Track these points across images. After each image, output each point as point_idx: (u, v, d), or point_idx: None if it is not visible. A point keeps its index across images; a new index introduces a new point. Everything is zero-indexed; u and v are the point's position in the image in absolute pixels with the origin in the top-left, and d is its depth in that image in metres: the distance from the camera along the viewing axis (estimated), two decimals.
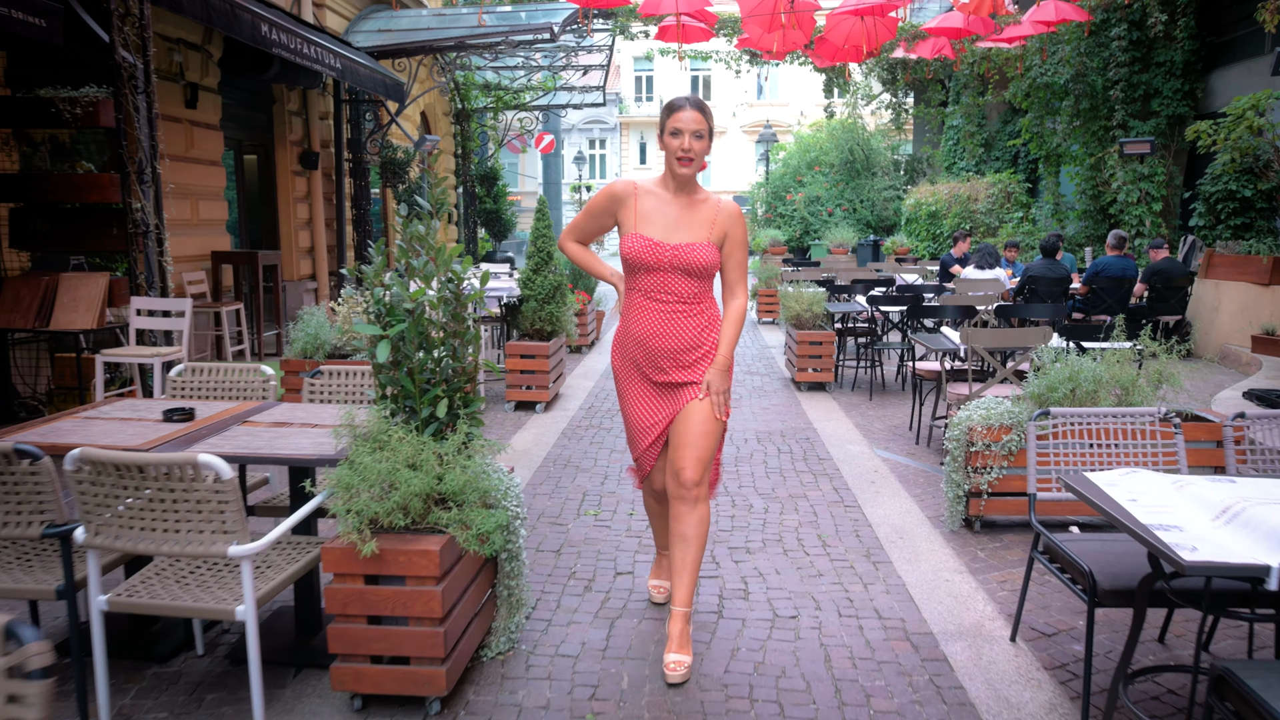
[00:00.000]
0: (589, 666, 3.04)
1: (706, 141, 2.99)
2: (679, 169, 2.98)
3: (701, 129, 2.97)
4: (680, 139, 2.95)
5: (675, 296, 3.02)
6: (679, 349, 3.03)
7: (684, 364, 3.04)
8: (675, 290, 3.02)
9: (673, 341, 3.02)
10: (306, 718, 2.71)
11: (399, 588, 2.59)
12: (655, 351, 3.04)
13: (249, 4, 7.59)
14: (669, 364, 3.05)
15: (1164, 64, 12.74)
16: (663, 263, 2.99)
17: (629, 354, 3.14)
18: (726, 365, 3.07)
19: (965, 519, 4.40)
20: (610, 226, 3.18)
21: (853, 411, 7.22)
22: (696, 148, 2.96)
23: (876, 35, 11.70)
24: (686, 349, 3.03)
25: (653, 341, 3.03)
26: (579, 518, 4.60)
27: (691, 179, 3.05)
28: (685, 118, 2.96)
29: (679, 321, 3.03)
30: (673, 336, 3.03)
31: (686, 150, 2.95)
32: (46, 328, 5.62)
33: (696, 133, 2.96)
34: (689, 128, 2.95)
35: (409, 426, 2.75)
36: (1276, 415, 2.99)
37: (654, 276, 3.02)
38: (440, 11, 13.92)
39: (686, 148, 2.95)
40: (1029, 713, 2.76)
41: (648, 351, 3.06)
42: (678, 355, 3.03)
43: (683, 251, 2.98)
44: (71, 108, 5.72)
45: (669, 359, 3.04)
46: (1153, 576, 2.44)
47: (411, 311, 2.78)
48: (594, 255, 3.29)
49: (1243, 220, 10.47)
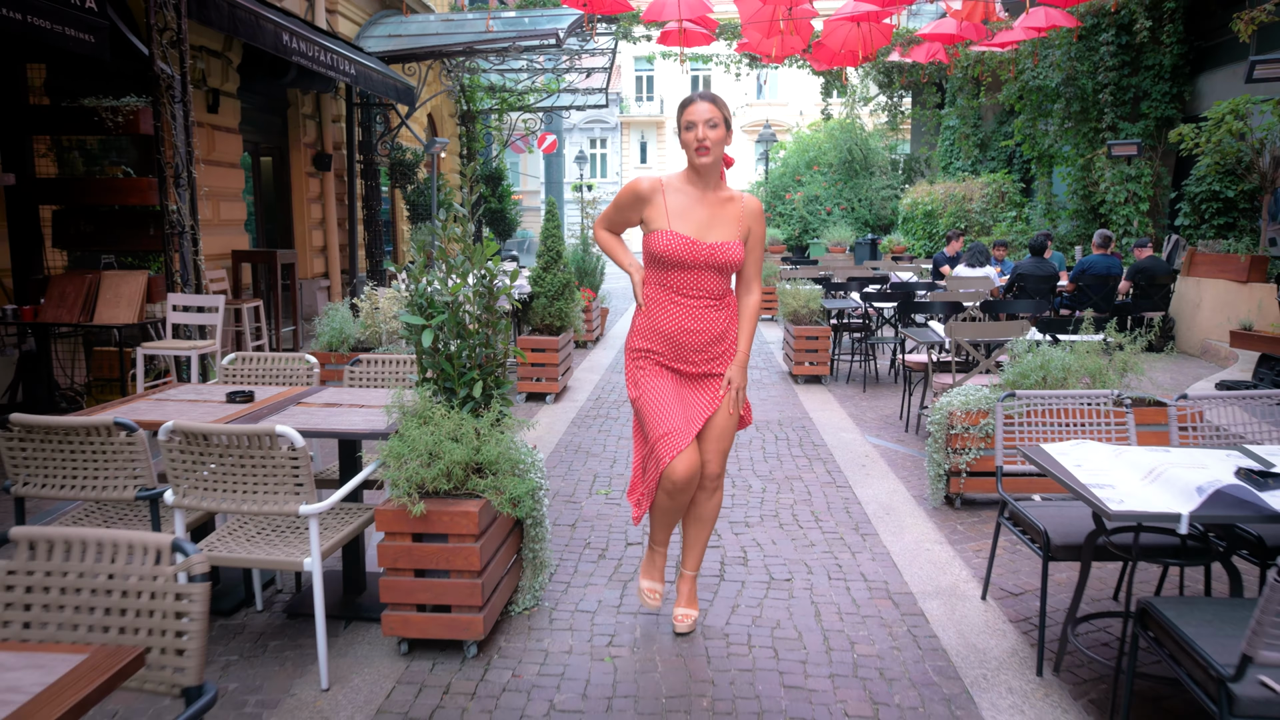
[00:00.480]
0: (605, 620, 3.43)
1: (723, 130, 3.02)
2: (698, 159, 3.02)
3: (715, 118, 3.01)
4: (695, 130, 3.00)
5: (706, 293, 3.08)
6: (706, 343, 3.10)
7: (712, 356, 3.13)
8: (707, 287, 3.08)
9: (701, 337, 3.09)
10: (359, 660, 3.09)
11: (442, 545, 2.97)
12: (685, 346, 3.10)
13: (271, 15, 7.98)
14: (699, 357, 3.13)
15: (1152, 67, 13.10)
16: (699, 261, 3.03)
17: (651, 346, 3.15)
18: (745, 361, 3.17)
19: (946, 496, 4.78)
20: (636, 222, 3.20)
21: (846, 402, 7.60)
22: (713, 136, 3.00)
23: (872, 40, 12.07)
24: (713, 342, 3.11)
25: (683, 338, 3.09)
26: (591, 496, 4.98)
27: (714, 170, 3.09)
28: (697, 110, 3.01)
29: (708, 316, 3.09)
30: (701, 332, 3.09)
31: (702, 139, 2.99)
32: (90, 322, 6.00)
33: (710, 122, 3.00)
34: (702, 118, 2.99)
35: (449, 405, 3.14)
36: (1216, 396, 3.38)
37: (687, 274, 3.06)
38: (448, 17, 14.29)
39: (701, 137, 2.99)
40: (993, 657, 3.14)
41: (677, 347, 3.11)
42: (706, 349, 3.12)
43: (718, 251, 3.04)
44: (114, 116, 6.11)
45: (699, 353, 3.12)
46: (1096, 533, 2.82)
47: (450, 304, 3.17)
48: (619, 243, 3.30)
49: (1226, 220, 10.86)
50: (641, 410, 3.14)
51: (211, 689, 1.67)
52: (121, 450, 2.83)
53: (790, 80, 35.15)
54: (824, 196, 23.39)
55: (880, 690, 2.92)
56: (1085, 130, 13.86)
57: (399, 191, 14.77)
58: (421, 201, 14.96)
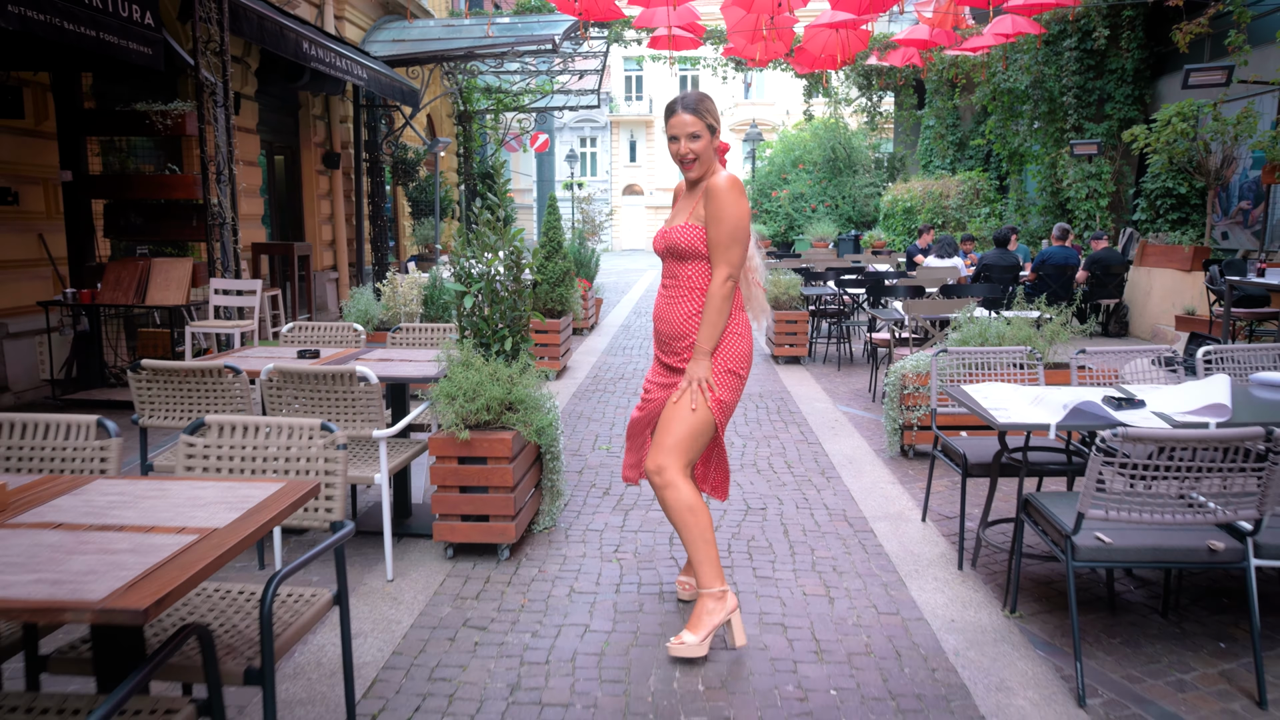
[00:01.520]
0: (612, 536, 4.18)
1: (707, 138, 2.99)
2: (685, 173, 3.07)
3: (696, 129, 2.97)
4: (677, 144, 3.00)
5: (671, 279, 3.11)
6: (671, 335, 3.11)
7: (676, 351, 3.11)
8: (671, 273, 3.11)
9: (665, 326, 3.12)
10: (414, 562, 3.83)
11: (482, 466, 3.71)
12: (661, 335, 3.16)
13: (292, 24, 8.71)
14: (667, 349, 3.16)
15: (1115, 71, 13.91)
16: (660, 248, 3.12)
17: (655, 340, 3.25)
18: (703, 353, 3.01)
19: (901, 449, 5.55)
20: None
21: (822, 379, 8.36)
22: (695, 148, 2.98)
23: (850, 45, 12.84)
24: (676, 336, 3.09)
25: (658, 326, 3.17)
26: (594, 451, 5.73)
27: (703, 172, 3.04)
28: (676, 122, 2.99)
29: (672, 306, 3.10)
30: (666, 321, 3.12)
31: (684, 153, 2.99)
32: (143, 303, 6.70)
33: (692, 134, 2.97)
34: (683, 131, 2.98)
35: (485, 357, 3.87)
36: (1105, 352, 4.15)
37: (663, 264, 3.16)
38: (449, 22, 15.00)
39: (683, 152, 2.99)
40: (925, 558, 3.90)
41: (658, 335, 3.19)
42: (671, 342, 3.11)
43: (668, 234, 3.07)
44: (163, 119, 6.82)
45: (666, 344, 3.15)
46: (1000, 452, 3.59)
47: (485, 275, 3.90)
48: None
49: (1179, 215, 11.69)
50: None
51: (350, 524, 2.40)
52: (230, 388, 3.55)
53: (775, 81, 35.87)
54: (809, 194, 24.17)
55: (833, 579, 3.68)
56: (1052, 130, 14.67)
57: (401, 189, 15.48)
58: (423, 198, 15.67)
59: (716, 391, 3.04)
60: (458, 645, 3.09)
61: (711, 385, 3.03)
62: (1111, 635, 3.17)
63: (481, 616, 3.32)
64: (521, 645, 3.09)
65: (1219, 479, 2.61)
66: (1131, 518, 2.67)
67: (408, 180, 15.20)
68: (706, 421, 3.04)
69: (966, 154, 19.65)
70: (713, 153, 3.05)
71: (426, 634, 3.18)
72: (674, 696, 2.76)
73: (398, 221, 15.79)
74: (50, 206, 7.21)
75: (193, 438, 2.45)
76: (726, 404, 3.08)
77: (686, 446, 3.04)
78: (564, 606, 3.41)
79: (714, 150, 3.05)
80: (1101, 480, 2.65)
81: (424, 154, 15.19)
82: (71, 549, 1.71)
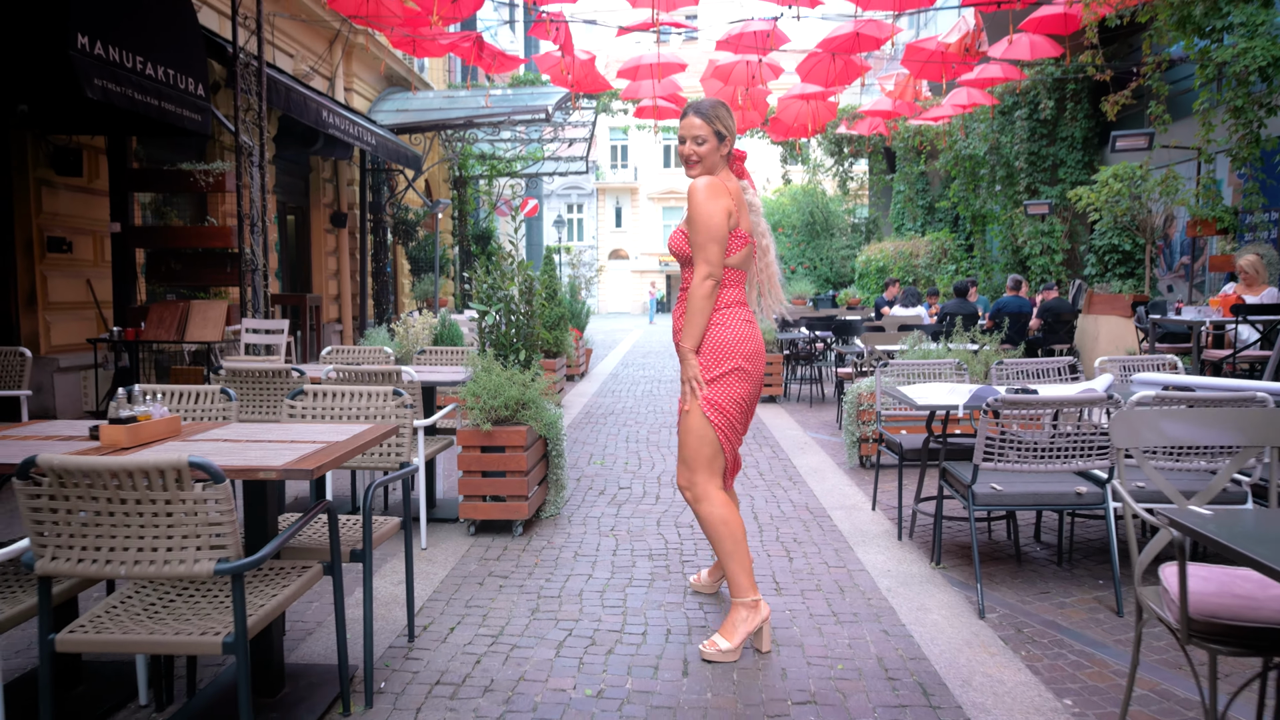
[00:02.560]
0: (608, 521, 4.91)
1: (713, 142, 3.08)
2: (686, 173, 3.16)
3: (703, 133, 3.08)
4: (683, 145, 3.12)
5: (684, 286, 3.18)
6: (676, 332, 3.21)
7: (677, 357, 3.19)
8: (685, 280, 3.18)
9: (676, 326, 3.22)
10: (442, 538, 4.54)
11: (501, 454, 4.46)
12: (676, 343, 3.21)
13: (314, 96, 9.67)
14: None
15: (1066, 139, 15.09)
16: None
17: None
18: (685, 353, 3.09)
19: (860, 460, 6.32)
20: None
21: (795, 414, 9.16)
22: (700, 151, 3.08)
23: (820, 115, 13.98)
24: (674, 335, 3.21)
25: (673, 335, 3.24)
26: (590, 464, 6.47)
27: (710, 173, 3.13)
28: (686, 124, 3.11)
29: (677, 309, 3.21)
30: (676, 321, 3.23)
31: (687, 154, 3.11)
32: (184, 340, 7.46)
33: (698, 138, 3.08)
34: (690, 134, 3.10)
35: (504, 365, 4.66)
36: (1018, 363, 4.97)
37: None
38: (448, 94, 16.10)
39: (686, 153, 3.11)
40: (871, 534, 4.65)
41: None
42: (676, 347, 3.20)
43: (669, 243, 3.23)
44: (205, 177, 7.66)
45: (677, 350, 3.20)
46: (927, 439, 4.37)
47: (504, 298, 4.71)
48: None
49: (1125, 269, 12.72)
50: None
51: (415, 465, 3.14)
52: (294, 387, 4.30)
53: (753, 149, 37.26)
54: (789, 256, 25.28)
55: (793, 547, 4.42)
56: (1010, 193, 15.79)
57: (401, 247, 16.37)
58: (422, 256, 16.57)
59: (704, 390, 3.06)
60: (485, 588, 3.81)
61: (700, 384, 3.06)
62: (1015, 578, 3.93)
63: (502, 570, 4.04)
64: (537, 587, 3.81)
65: (1078, 436, 3.41)
66: (1011, 467, 3.45)
67: (407, 239, 16.12)
68: (700, 423, 3.06)
69: (936, 217, 20.80)
70: (719, 159, 3.12)
71: (459, 580, 3.89)
72: (658, 609, 3.48)
73: (397, 278, 16.64)
74: (98, 255, 8.00)
75: (293, 401, 3.22)
76: (716, 402, 3.07)
77: (694, 454, 3.09)
78: (570, 564, 4.13)
79: (722, 157, 3.13)
80: (990, 439, 3.44)
81: (424, 215, 16.14)
82: (243, 449, 2.46)
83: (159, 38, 6.40)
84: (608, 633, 3.32)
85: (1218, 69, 8.59)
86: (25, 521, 2.01)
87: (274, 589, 2.35)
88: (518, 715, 2.67)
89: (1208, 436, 2.41)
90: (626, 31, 10.57)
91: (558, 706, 2.72)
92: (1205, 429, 2.42)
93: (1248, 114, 8.50)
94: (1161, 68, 9.73)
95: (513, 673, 2.96)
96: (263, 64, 7.67)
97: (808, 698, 2.79)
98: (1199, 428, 2.44)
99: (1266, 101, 8.43)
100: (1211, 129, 8.86)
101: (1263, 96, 8.44)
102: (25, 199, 7.29)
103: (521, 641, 3.22)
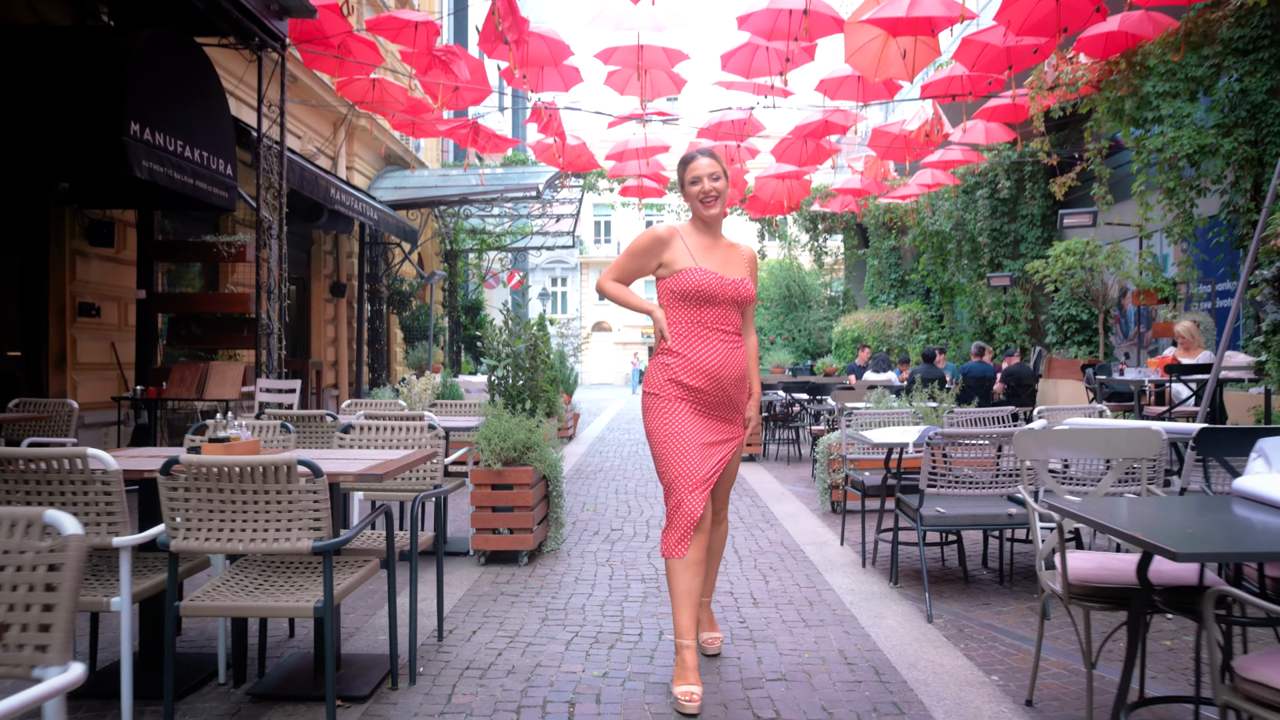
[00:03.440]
0: (603, 554, 5.44)
1: (725, 182, 3.26)
2: (705, 211, 3.27)
3: (716, 171, 3.25)
4: (700, 184, 3.24)
5: (734, 328, 3.27)
6: (737, 378, 3.25)
7: (741, 390, 3.29)
8: (733, 322, 3.27)
9: (735, 371, 3.24)
10: (455, 567, 5.06)
11: (509, 491, 5.02)
12: (724, 381, 3.21)
13: (323, 174, 10.42)
14: (734, 392, 3.26)
15: (1026, 216, 16.08)
16: (726, 296, 3.21)
17: (694, 383, 3.19)
18: (760, 396, 3.37)
19: (831, 505, 6.89)
20: (653, 268, 3.31)
21: (773, 471, 9.74)
22: (718, 187, 3.24)
23: (795, 193, 14.89)
24: (741, 378, 3.27)
25: (724, 372, 3.20)
26: (583, 511, 7.01)
27: (719, 220, 3.33)
28: (699, 165, 3.26)
29: (737, 353, 3.27)
30: (735, 367, 3.24)
31: (708, 191, 3.24)
32: (203, 398, 7.99)
33: (713, 175, 3.24)
34: (705, 172, 3.25)
35: (512, 413, 5.24)
36: (967, 411, 5.62)
37: (717, 310, 3.21)
38: (443, 172, 16.98)
39: (708, 189, 3.23)
40: (839, 563, 5.21)
41: (718, 382, 3.20)
42: (739, 384, 3.26)
43: (740, 286, 3.25)
44: (227, 248, 8.31)
45: (734, 387, 3.25)
46: (886, 476, 4.98)
47: (512, 354, 5.33)
48: (630, 290, 3.44)
49: (1083, 337, 13.53)
50: (664, 449, 3.18)
51: (447, 486, 3.70)
52: (330, 430, 4.86)
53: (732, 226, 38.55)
54: (768, 328, 26.14)
55: (769, 573, 4.97)
56: (976, 266, 16.72)
57: (394, 316, 17.02)
58: (415, 325, 17.20)
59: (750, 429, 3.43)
60: (499, 603, 4.34)
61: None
62: (962, 594, 4.50)
63: (513, 590, 4.57)
64: (545, 602, 4.34)
65: (1002, 465, 4.04)
66: (949, 492, 4.06)
67: (401, 309, 16.78)
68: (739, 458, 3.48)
69: (909, 289, 21.76)
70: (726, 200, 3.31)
71: (475, 598, 4.42)
72: (652, 617, 4.02)
73: (389, 346, 17.24)
74: (122, 319, 8.57)
75: (343, 434, 3.79)
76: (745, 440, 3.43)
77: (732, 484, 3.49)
78: (572, 586, 4.67)
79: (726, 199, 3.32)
80: (933, 469, 4.06)
81: (417, 286, 16.83)
82: (320, 463, 3.03)
83: (196, 123, 7.11)
84: (609, 633, 3.85)
85: (1150, 155, 9.50)
86: (164, 509, 2.57)
87: (344, 576, 2.89)
88: (538, 690, 3.19)
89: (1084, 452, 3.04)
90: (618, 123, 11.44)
91: (570, 683, 3.25)
92: (1081, 448, 3.05)
93: (1179, 195, 9.37)
94: (1103, 154, 10.66)
95: (530, 661, 3.49)
96: (284, 148, 8.39)
97: (779, 676, 3.33)
98: (1076, 448, 3.07)
99: (1196, 184, 9.32)
100: (1150, 208, 9.72)
101: (1192, 180, 9.34)
102: (61, 268, 7.89)
103: (535, 640, 3.75)
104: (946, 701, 3.09)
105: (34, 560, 1.49)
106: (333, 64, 9.64)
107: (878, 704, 3.07)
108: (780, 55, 8.84)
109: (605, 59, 9.46)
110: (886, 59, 8.65)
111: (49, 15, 7.45)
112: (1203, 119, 9.41)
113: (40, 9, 7.39)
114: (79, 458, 2.66)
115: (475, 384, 10.88)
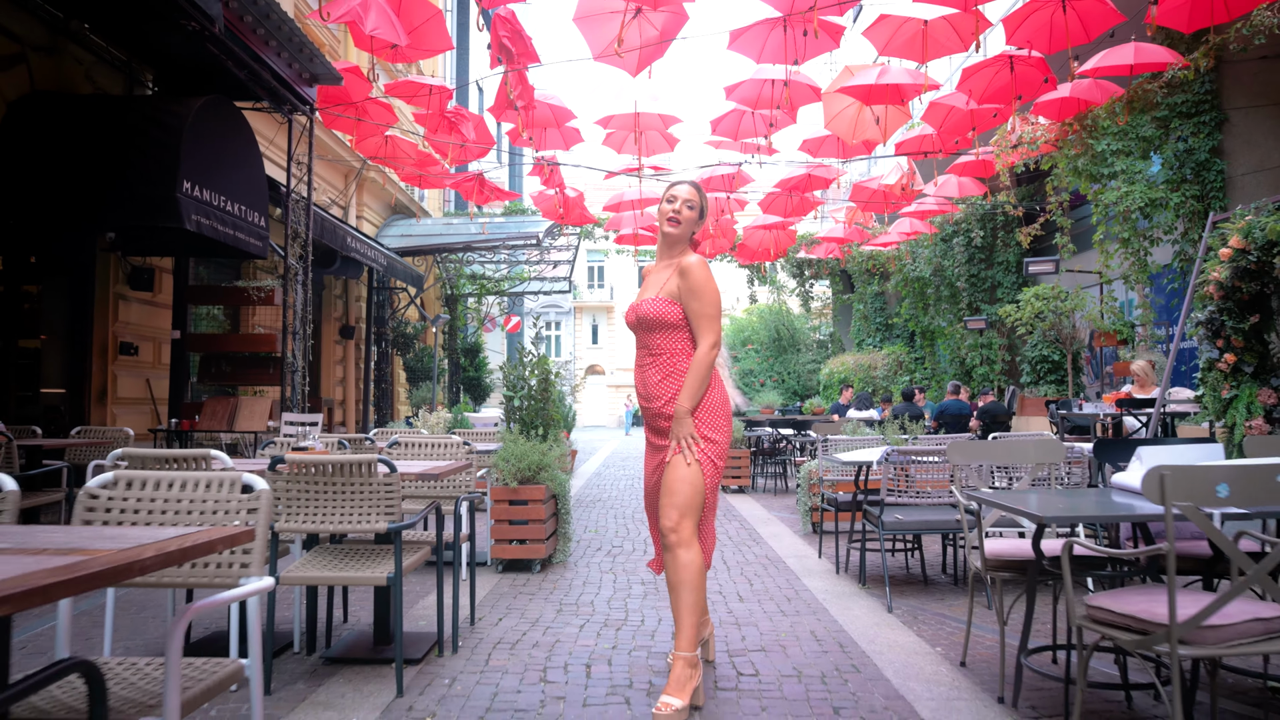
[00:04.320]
0: (607, 564, 6.10)
1: (698, 214, 3.31)
2: (666, 227, 3.31)
3: (694, 201, 3.31)
4: (673, 204, 3.30)
5: (646, 349, 3.31)
6: (649, 396, 3.30)
7: (660, 414, 3.26)
8: (646, 344, 3.31)
9: (644, 389, 3.32)
10: (478, 574, 5.70)
11: (524, 506, 5.69)
12: (649, 398, 3.31)
13: (341, 223, 11.18)
14: (661, 408, 3.26)
15: (1001, 262, 16.96)
16: (632, 320, 3.34)
17: (640, 411, 3.41)
18: (683, 413, 3.15)
19: (812, 526, 7.57)
20: None
21: (760, 500, 10.41)
22: (685, 214, 3.29)
23: (781, 242, 15.74)
24: (652, 398, 3.28)
25: (643, 389, 3.35)
26: (585, 532, 7.67)
27: (679, 242, 3.33)
28: (678, 190, 3.34)
29: (646, 373, 3.30)
30: (644, 384, 3.32)
31: (676, 211, 3.28)
32: (233, 430, 8.65)
33: (688, 203, 3.29)
34: (682, 197, 3.32)
35: (526, 438, 5.94)
36: (929, 437, 6.33)
37: (641, 334, 3.33)
38: (447, 221, 17.82)
39: (676, 209, 3.29)
40: (816, 572, 5.87)
41: (645, 399, 3.34)
42: (652, 405, 3.29)
43: (638, 307, 3.28)
44: (257, 293, 9.03)
45: (650, 411, 3.32)
46: (857, 493, 5.67)
47: (527, 385, 6.03)
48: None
49: (1056, 377, 14.31)
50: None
51: (476, 494, 4.37)
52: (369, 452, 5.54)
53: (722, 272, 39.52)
54: (758, 370, 26.92)
55: (754, 578, 5.63)
56: (955, 310, 17.55)
57: (398, 358, 17.73)
58: (419, 366, 17.91)
59: (702, 445, 3.20)
60: (519, 599, 4.99)
61: (697, 440, 3.18)
62: (921, 593, 5.17)
63: (529, 590, 5.22)
64: (559, 598, 5.00)
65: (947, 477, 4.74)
66: (903, 501, 4.76)
67: (404, 351, 17.50)
68: (698, 476, 3.16)
69: (893, 333, 22.60)
70: (692, 230, 3.38)
71: (498, 596, 5.07)
72: (653, 610, 4.69)
73: (393, 386, 17.91)
74: (157, 358, 9.25)
75: (389, 448, 4.48)
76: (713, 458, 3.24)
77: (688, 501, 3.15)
78: (580, 587, 5.33)
79: (692, 232, 3.39)
80: (893, 479, 4.76)
81: (422, 329, 17.57)
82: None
83: (235, 179, 7.87)
84: (616, 619, 4.51)
85: (1107, 208, 10.36)
86: None
87: (405, 556, 3.57)
88: (559, 657, 3.85)
89: (1000, 459, 3.76)
90: (614, 175, 12.28)
91: (585, 652, 3.92)
92: (997, 457, 3.77)
93: (1134, 245, 10.21)
94: (1064, 206, 11.53)
95: (550, 639, 4.15)
96: (310, 202, 9.16)
97: (759, 648, 4.00)
98: (994, 457, 3.79)
99: (1149, 235, 10.16)
100: (1110, 256, 10.56)
101: (1146, 231, 10.18)
102: (105, 310, 8.59)
103: (553, 625, 4.41)
104: (896, 664, 3.76)
105: (239, 506, 2.18)
106: (351, 124, 10.46)
107: (839, 666, 3.74)
108: (765, 120, 9.70)
109: (604, 124, 10.31)
110: (862, 123, 9.52)
111: (103, 83, 8.25)
112: (1156, 175, 10.28)
113: (96, 78, 8.19)
114: (203, 459, 3.35)
115: (478, 419, 11.56)
